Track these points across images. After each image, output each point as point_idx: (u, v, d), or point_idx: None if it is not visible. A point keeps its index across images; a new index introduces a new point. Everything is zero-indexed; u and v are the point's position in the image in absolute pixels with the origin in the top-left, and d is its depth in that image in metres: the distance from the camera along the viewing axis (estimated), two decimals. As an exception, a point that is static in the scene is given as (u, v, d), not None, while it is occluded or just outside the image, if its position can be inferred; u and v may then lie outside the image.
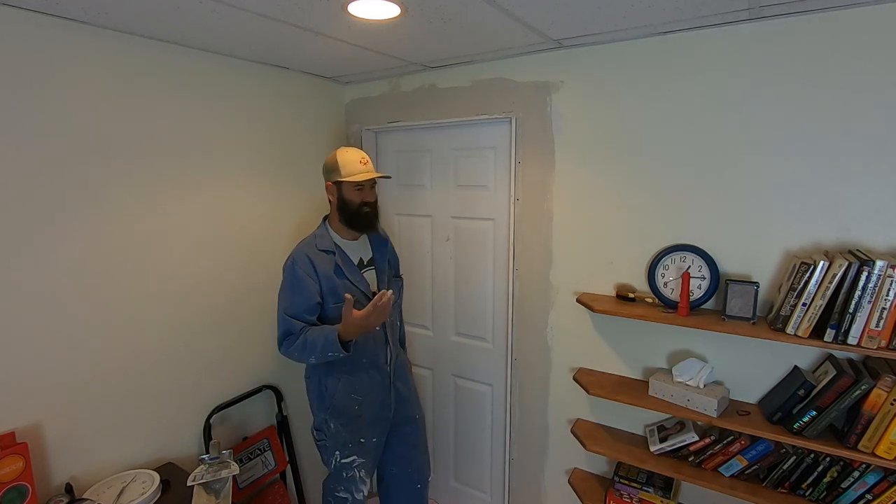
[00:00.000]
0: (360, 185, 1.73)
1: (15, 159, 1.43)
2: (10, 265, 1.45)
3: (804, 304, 1.40)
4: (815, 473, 1.52)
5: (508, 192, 2.15)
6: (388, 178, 1.88)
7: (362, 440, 1.83)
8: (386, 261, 1.93)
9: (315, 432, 1.87)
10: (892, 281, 1.29)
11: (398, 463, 2.01)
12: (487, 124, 2.19)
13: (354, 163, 1.74)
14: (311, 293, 1.70)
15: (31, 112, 1.46)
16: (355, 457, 1.82)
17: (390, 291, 1.57)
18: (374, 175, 1.75)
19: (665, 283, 1.74)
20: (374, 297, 1.57)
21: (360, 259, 1.84)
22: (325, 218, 1.86)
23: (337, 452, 1.81)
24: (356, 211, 1.75)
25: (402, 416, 1.96)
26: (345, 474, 1.82)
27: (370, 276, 1.85)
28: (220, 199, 2.01)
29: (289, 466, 2.33)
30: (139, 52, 1.69)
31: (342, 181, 1.73)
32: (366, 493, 1.87)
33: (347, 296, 1.56)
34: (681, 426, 1.79)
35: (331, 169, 1.75)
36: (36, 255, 1.50)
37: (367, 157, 1.78)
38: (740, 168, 1.63)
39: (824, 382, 1.44)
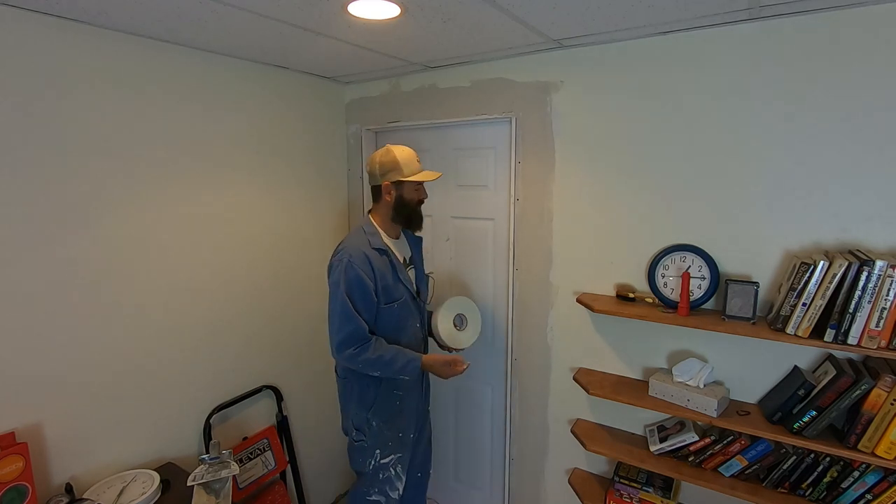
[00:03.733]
0: (419, 184, 1.76)
1: (14, 159, 1.43)
2: (11, 265, 1.45)
3: (804, 304, 1.40)
4: (815, 473, 1.52)
5: (508, 192, 2.14)
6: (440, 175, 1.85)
7: (401, 434, 1.84)
8: (421, 259, 1.96)
9: (354, 433, 1.81)
10: (892, 281, 1.29)
11: None
12: (487, 124, 2.19)
13: (413, 161, 1.74)
14: (370, 292, 1.66)
15: (31, 113, 1.45)
16: (393, 455, 1.82)
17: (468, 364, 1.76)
18: (436, 174, 1.76)
19: (665, 283, 1.74)
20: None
21: (404, 258, 1.85)
22: (369, 215, 1.82)
23: (377, 451, 1.79)
24: (414, 209, 1.77)
25: None
26: (381, 475, 1.81)
27: (410, 274, 1.87)
28: (221, 200, 2.01)
29: (289, 466, 2.34)
30: (139, 52, 1.69)
31: (403, 181, 1.72)
32: (401, 491, 1.87)
33: (459, 358, 1.74)
34: (681, 426, 1.79)
35: (389, 168, 1.72)
36: (36, 255, 1.50)
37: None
38: (740, 168, 1.63)
39: (824, 382, 1.44)
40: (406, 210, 1.77)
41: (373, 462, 1.79)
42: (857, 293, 1.32)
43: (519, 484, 2.31)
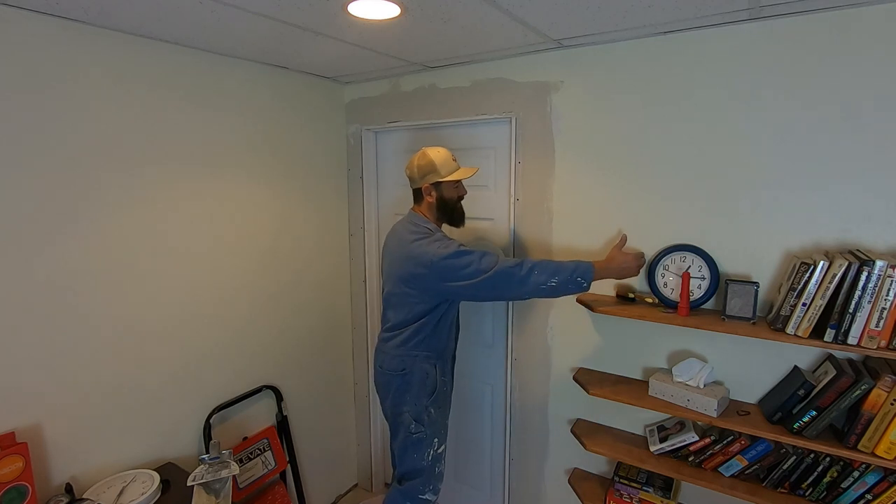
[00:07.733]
0: (457, 182, 1.82)
1: (13, 160, 1.43)
2: (12, 266, 1.45)
3: (804, 304, 1.40)
4: (815, 473, 1.52)
5: (508, 192, 2.14)
6: (477, 169, 1.89)
7: (447, 421, 1.91)
8: None
9: (413, 425, 1.81)
10: (891, 281, 1.29)
11: None
12: (487, 124, 2.19)
13: (449, 161, 1.79)
14: None
15: (30, 112, 1.45)
16: (444, 444, 1.88)
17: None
18: (473, 170, 1.80)
19: (665, 283, 1.74)
20: None
21: None
22: (414, 212, 1.87)
23: (436, 440, 1.83)
24: (455, 206, 1.84)
25: None
26: (437, 469, 1.84)
27: None
28: (221, 201, 2.01)
29: (289, 466, 2.34)
30: (139, 52, 1.69)
31: (442, 181, 1.78)
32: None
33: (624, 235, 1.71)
34: (681, 426, 1.79)
35: (427, 171, 1.78)
36: (37, 256, 1.49)
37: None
38: (740, 168, 1.63)
39: (824, 382, 1.44)
40: (448, 208, 1.83)
41: (431, 453, 1.82)
42: (857, 293, 1.32)
43: (519, 484, 2.31)
